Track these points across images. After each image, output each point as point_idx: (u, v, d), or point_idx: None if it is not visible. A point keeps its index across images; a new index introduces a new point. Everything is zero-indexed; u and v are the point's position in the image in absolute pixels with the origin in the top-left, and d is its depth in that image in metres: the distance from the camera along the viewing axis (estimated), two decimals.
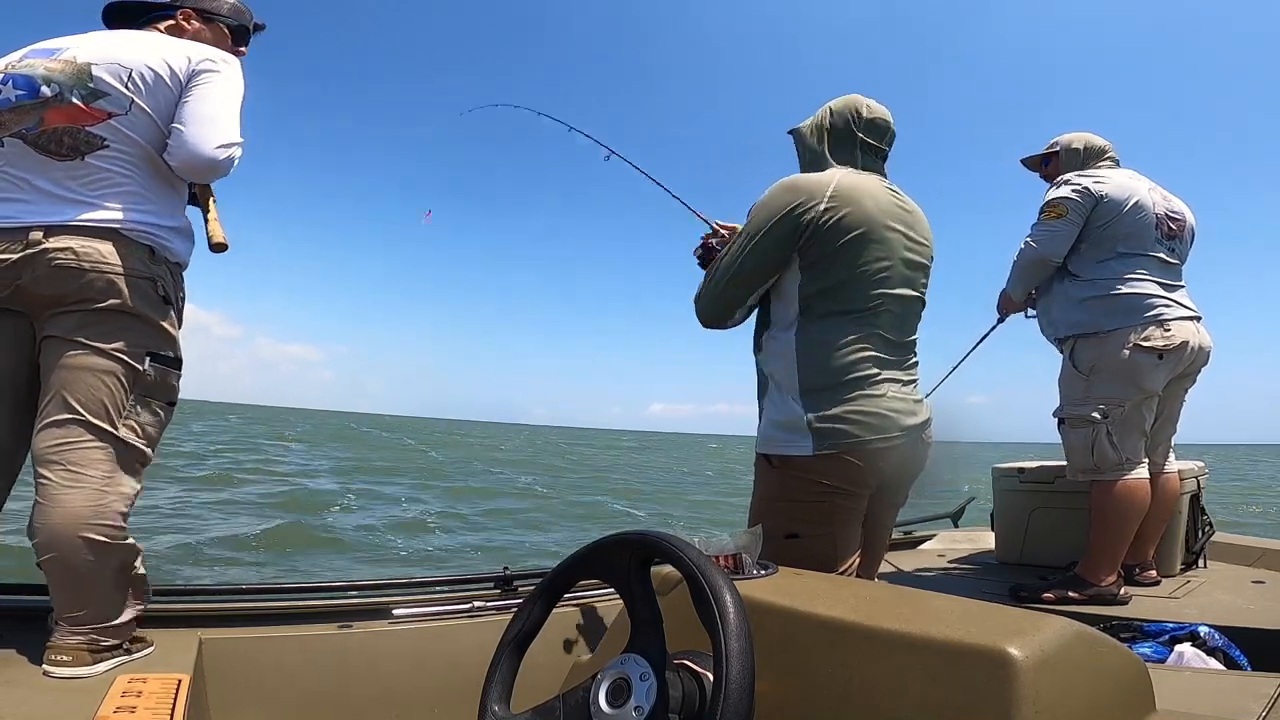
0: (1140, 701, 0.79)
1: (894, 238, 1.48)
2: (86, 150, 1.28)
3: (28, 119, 1.27)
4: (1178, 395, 2.32)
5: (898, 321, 1.50)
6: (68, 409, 1.22)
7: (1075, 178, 2.29)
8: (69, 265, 1.22)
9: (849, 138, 1.58)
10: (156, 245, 1.32)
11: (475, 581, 1.81)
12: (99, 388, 1.24)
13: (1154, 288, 2.18)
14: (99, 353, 1.25)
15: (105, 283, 1.24)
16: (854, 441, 1.40)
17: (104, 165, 1.29)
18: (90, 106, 1.28)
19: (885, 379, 1.45)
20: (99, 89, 1.29)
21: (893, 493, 1.54)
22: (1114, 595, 2.11)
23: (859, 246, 1.44)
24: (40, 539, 1.19)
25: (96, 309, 1.24)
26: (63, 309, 1.24)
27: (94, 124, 1.28)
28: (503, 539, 8.87)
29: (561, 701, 0.78)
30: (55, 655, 1.18)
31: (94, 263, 1.23)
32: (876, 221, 1.45)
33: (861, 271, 1.44)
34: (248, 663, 1.41)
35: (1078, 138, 2.44)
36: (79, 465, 1.21)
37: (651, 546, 0.77)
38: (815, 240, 1.44)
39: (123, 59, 1.31)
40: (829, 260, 1.44)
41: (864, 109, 1.59)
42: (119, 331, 1.26)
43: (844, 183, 1.47)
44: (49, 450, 1.22)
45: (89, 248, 1.24)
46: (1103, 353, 2.18)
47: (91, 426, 1.23)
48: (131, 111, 1.30)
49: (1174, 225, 2.27)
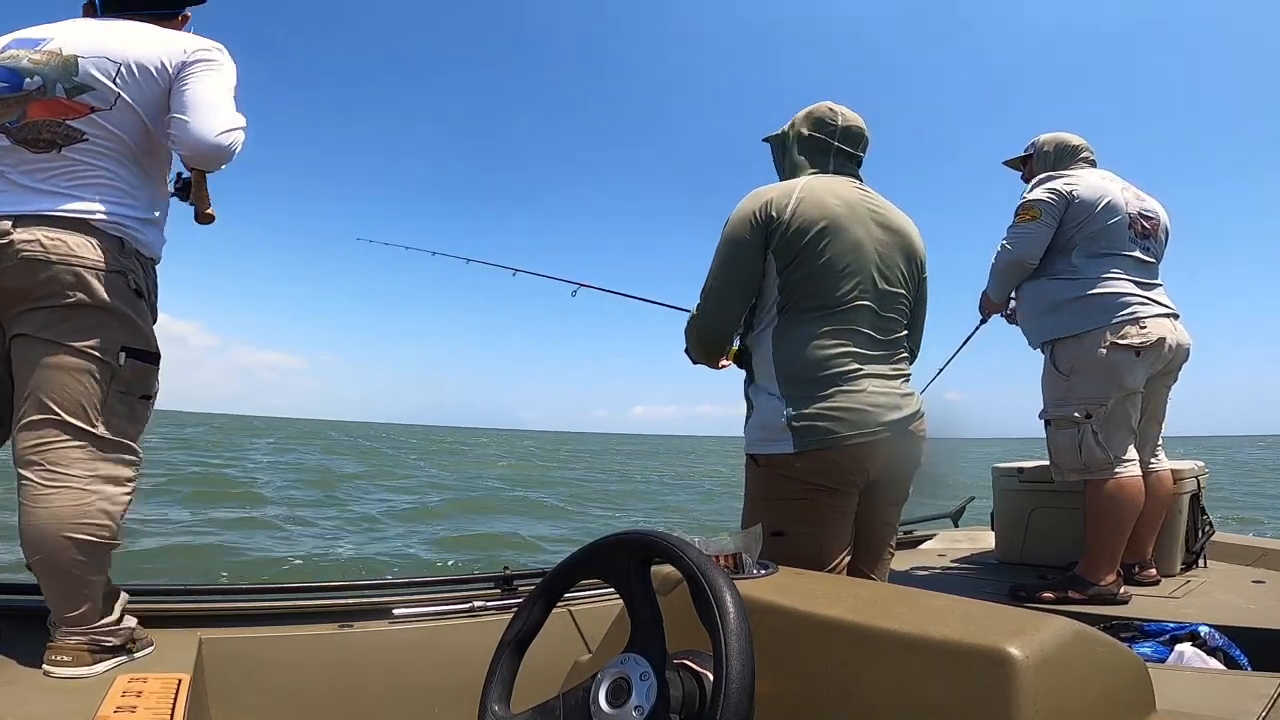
0: (1140, 701, 0.79)
1: (864, 234, 1.50)
2: (64, 143, 1.25)
3: (10, 112, 1.24)
4: (1160, 393, 2.34)
5: (878, 317, 1.51)
6: (44, 409, 1.20)
7: (1047, 180, 2.31)
8: (35, 257, 1.19)
9: (823, 145, 1.61)
10: (127, 237, 1.29)
11: (475, 581, 1.81)
12: (74, 386, 1.22)
13: (1129, 286, 2.20)
14: (72, 351, 1.22)
15: (72, 276, 1.21)
16: (834, 438, 1.41)
17: (79, 158, 1.26)
18: (74, 100, 1.26)
19: (866, 374, 1.46)
20: (84, 83, 1.26)
21: (888, 488, 1.54)
22: (1114, 595, 2.11)
23: (827, 244, 1.46)
24: (26, 541, 1.18)
25: (66, 305, 1.21)
26: (31, 305, 1.21)
27: (75, 118, 1.26)
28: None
29: (561, 701, 0.78)
30: (55, 655, 1.18)
31: (61, 255, 1.20)
32: (843, 219, 1.48)
33: (831, 269, 1.46)
34: (248, 663, 1.41)
35: (1050, 139, 2.46)
36: (59, 465, 1.20)
37: (651, 546, 0.77)
38: (784, 241, 1.46)
39: (111, 53, 1.29)
40: (799, 259, 1.46)
41: (839, 117, 1.62)
42: (91, 328, 1.24)
43: (811, 184, 1.51)
44: (28, 451, 1.20)
45: (56, 239, 1.20)
46: (1081, 353, 2.19)
47: (69, 426, 1.21)
48: (116, 106, 1.28)
49: (1148, 224, 2.29)
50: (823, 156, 1.61)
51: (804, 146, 1.63)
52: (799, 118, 1.66)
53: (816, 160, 1.61)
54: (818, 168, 1.61)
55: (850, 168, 1.63)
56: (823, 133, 1.61)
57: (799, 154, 1.63)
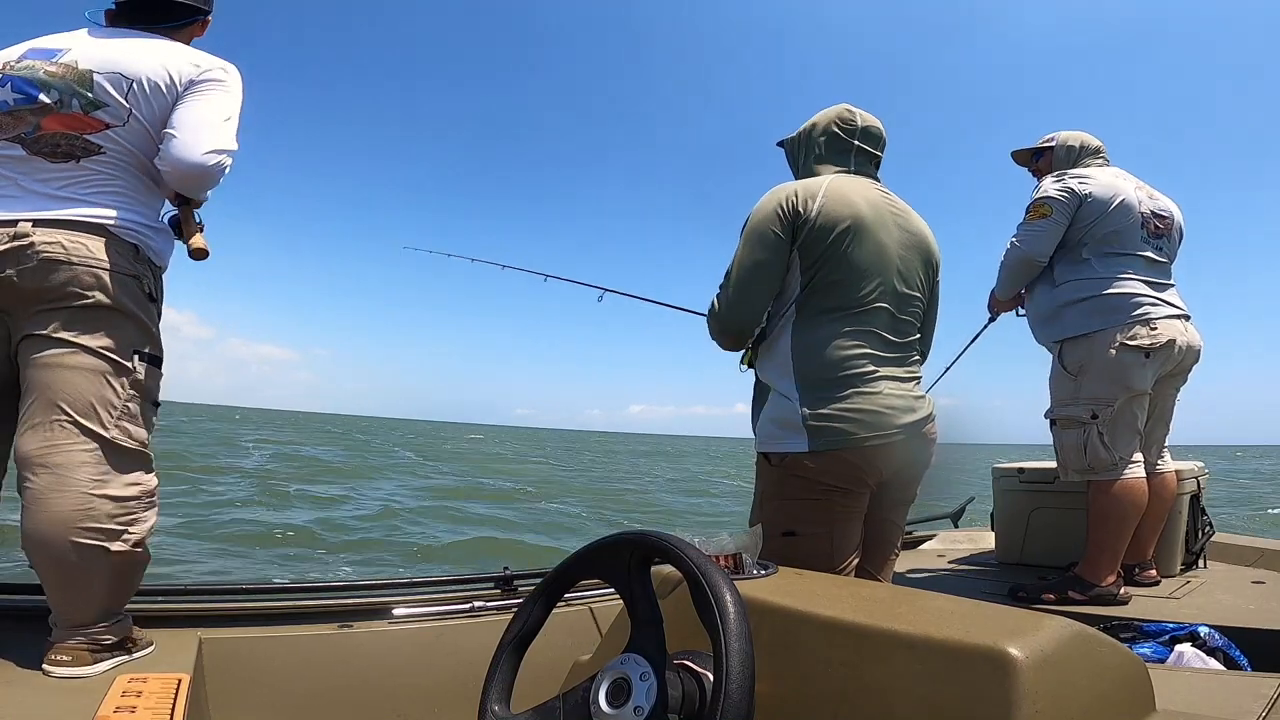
0: (1140, 701, 0.79)
1: (886, 237, 1.50)
2: (82, 155, 1.27)
3: (24, 124, 1.25)
4: (1169, 394, 2.33)
5: (895, 320, 1.51)
6: (54, 410, 1.19)
7: (1060, 177, 2.29)
8: (56, 258, 1.20)
9: (844, 145, 1.61)
10: (141, 244, 1.30)
11: (475, 581, 1.81)
12: (87, 388, 1.21)
13: (1141, 287, 2.19)
14: (87, 351, 1.22)
15: (92, 277, 1.22)
16: (850, 439, 1.41)
17: (97, 169, 1.28)
18: (91, 116, 1.27)
19: (882, 376, 1.46)
20: (99, 99, 1.27)
21: (899, 489, 1.54)
22: (1114, 595, 2.11)
23: (851, 244, 1.45)
24: (28, 543, 1.18)
25: (82, 305, 1.22)
26: (47, 305, 1.21)
27: (92, 133, 1.27)
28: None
29: (561, 701, 0.78)
30: (55, 655, 1.18)
31: (82, 257, 1.21)
32: (868, 220, 1.47)
33: (855, 269, 1.46)
34: (248, 663, 1.41)
35: (1074, 135, 2.43)
36: (65, 469, 1.18)
37: (652, 546, 0.77)
38: (810, 238, 1.46)
39: (125, 68, 1.29)
40: (823, 258, 1.46)
41: (858, 117, 1.62)
42: (108, 329, 1.24)
43: (836, 183, 1.50)
44: (34, 453, 1.19)
45: (77, 242, 1.22)
46: (1090, 353, 2.18)
47: (80, 427, 1.20)
48: (129, 122, 1.29)
49: (1161, 224, 2.27)
50: (843, 156, 1.61)
51: (824, 146, 1.62)
52: (817, 119, 1.65)
53: (837, 160, 1.61)
54: (839, 168, 1.60)
55: (870, 169, 1.63)
56: (843, 133, 1.61)
57: (819, 154, 1.62)
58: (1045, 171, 2.41)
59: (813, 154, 1.63)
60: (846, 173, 1.58)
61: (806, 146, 1.65)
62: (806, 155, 1.64)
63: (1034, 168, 2.51)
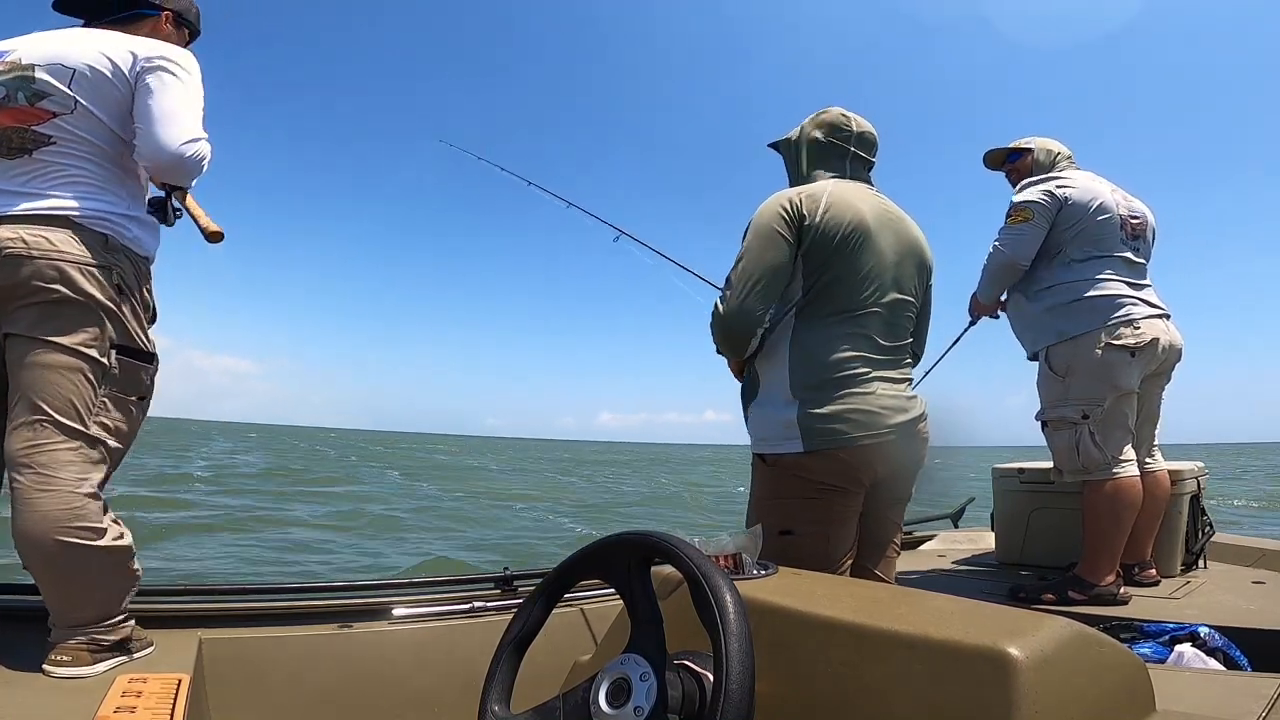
0: (1140, 701, 0.79)
1: (883, 242, 1.51)
2: (34, 147, 1.26)
3: None
4: (1154, 394, 2.34)
5: (888, 323, 1.52)
6: (35, 410, 1.20)
7: (1039, 182, 2.31)
8: (19, 253, 1.19)
9: (840, 150, 1.62)
10: (111, 233, 1.29)
11: (475, 581, 1.81)
12: (65, 385, 1.21)
13: (1122, 287, 2.21)
14: (61, 349, 1.22)
15: (54, 270, 1.21)
16: (845, 439, 1.42)
17: (51, 159, 1.27)
18: (35, 107, 1.27)
19: (875, 378, 1.47)
20: (41, 89, 1.27)
21: (894, 487, 1.55)
22: (1114, 595, 2.11)
23: (853, 249, 1.47)
24: (19, 544, 1.18)
25: (52, 301, 1.21)
26: (19, 303, 1.21)
27: (39, 123, 1.27)
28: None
29: (561, 701, 0.78)
30: (55, 655, 1.18)
31: (43, 250, 1.21)
32: (868, 226, 1.49)
33: (854, 274, 1.48)
34: (248, 663, 1.41)
35: (1051, 141, 2.45)
36: (49, 468, 1.19)
37: (652, 547, 0.77)
38: (815, 244, 1.47)
39: (65, 58, 1.29)
40: (827, 264, 1.48)
41: (853, 122, 1.63)
42: (79, 324, 1.23)
43: (839, 190, 1.52)
44: (19, 453, 1.19)
45: (39, 236, 1.21)
46: (1076, 354, 2.20)
47: (61, 426, 1.20)
48: (77, 110, 1.29)
49: (1136, 225, 2.29)
50: (839, 162, 1.62)
51: (820, 152, 1.63)
52: (809, 123, 1.66)
53: (833, 165, 1.62)
54: (835, 173, 1.61)
55: (864, 174, 1.64)
56: (838, 138, 1.62)
57: (815, 159, 1.63)
58: (1023, 173, 2.42)
59: (810, 159, 1.64)
60: (843, 178, 1.60)
61: (800, 151, 1.66)
62: (802, 159, 1.65)
63: (1008, 169, 2.51)
